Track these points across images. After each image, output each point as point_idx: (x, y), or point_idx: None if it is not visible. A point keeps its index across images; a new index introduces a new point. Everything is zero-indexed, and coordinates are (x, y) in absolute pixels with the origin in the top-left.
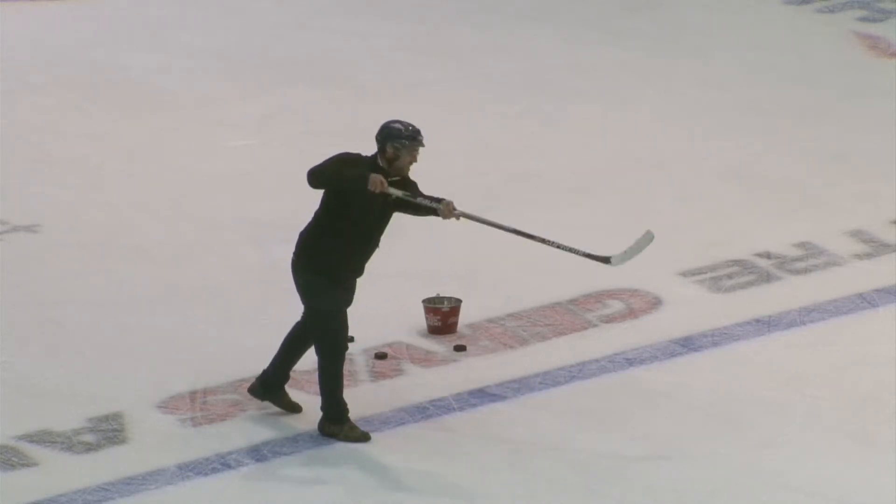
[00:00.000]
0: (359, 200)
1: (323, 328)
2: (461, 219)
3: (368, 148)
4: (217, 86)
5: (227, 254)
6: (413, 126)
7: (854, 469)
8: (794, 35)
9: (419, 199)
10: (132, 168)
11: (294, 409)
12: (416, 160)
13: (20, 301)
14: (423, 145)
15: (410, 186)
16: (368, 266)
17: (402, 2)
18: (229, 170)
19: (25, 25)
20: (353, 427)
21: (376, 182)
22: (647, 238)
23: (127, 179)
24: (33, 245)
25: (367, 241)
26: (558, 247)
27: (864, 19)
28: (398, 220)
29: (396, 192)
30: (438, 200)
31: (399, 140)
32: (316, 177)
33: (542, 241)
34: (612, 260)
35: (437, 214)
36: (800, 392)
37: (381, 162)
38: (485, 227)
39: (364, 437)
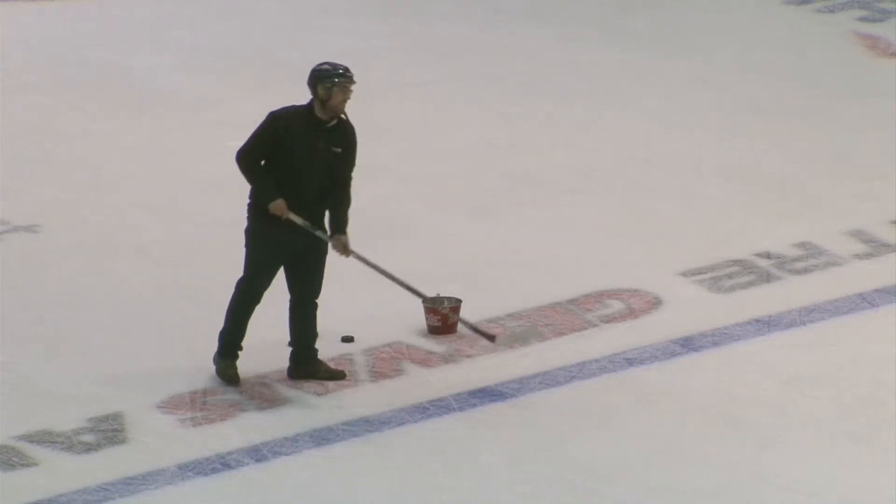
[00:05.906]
0: (292, 148)
1: (250, 276)
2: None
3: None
4: (217, 86)
5: (227, 254)
6: (342, 65)
7: (854, 469)
8: (793, 35)
9: (318, 232)
10: (132, 168)
11: (337, 376)
12: (349, 98)
13: (20, 301)
14: (353, 81)
15: (349, 137)
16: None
17: (402, 2)
18: (229, 170)
19: (25, 25)
20: (230, 367)
21: (276, 208)
22: (533, 331)
23: (127, 179)
24: (33, 245)
25: (300, 177)
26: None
27: (864, 19)
28: (398, 220)
29: (297, 220)
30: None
31: (329, 80)
32: (240, 167)
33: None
34: (497, 339)
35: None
36: (800, 392)
37: (316, 107)
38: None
39: (233, 381)
